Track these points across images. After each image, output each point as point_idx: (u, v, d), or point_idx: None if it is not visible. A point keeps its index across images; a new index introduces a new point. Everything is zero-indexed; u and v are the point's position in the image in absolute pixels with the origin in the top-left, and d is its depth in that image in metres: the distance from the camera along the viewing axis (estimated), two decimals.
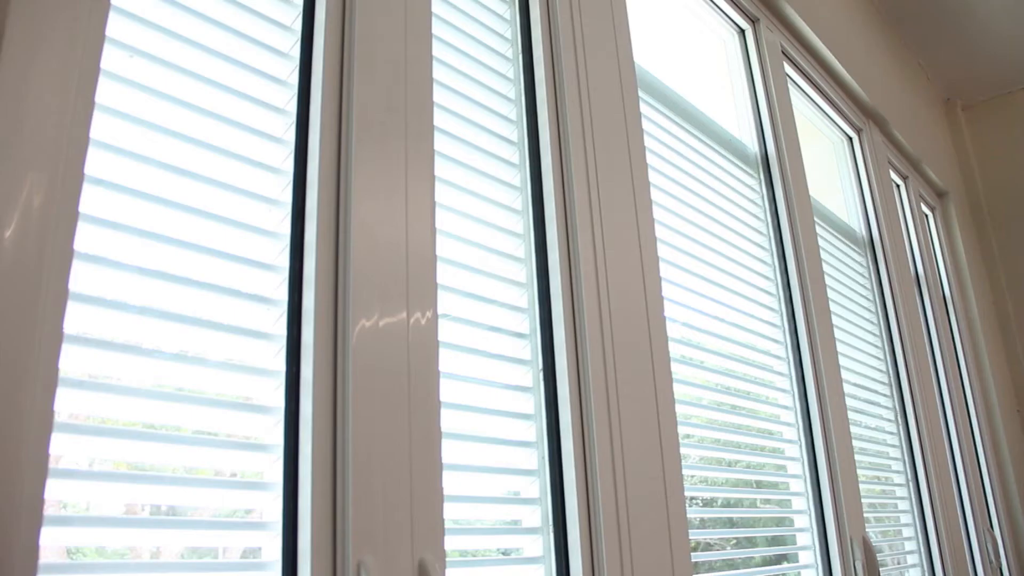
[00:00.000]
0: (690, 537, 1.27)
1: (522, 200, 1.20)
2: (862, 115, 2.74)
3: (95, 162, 0.74)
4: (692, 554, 1.26)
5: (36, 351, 0.63)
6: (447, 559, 0.88)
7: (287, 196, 0.90)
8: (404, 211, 0.96)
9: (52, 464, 0.65)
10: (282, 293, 0.86)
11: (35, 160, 0.66)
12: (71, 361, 0.70)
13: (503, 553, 1.09)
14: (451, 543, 0.92)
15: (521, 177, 1.21)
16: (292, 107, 0.93)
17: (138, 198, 0.77)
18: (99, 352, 0.72)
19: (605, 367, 1.18)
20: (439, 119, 1.09)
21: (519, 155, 1.22)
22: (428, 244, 0.98)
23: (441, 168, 1.07)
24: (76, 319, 0.70)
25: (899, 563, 2.22)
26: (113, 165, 0.76)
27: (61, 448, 0.70)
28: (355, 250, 0.89)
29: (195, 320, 0.79)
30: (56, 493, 0.70)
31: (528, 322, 1.15)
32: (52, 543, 0.72)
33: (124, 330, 0.75)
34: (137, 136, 0.79)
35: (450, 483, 0.94)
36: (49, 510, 0.72)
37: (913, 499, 2.33)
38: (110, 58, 0.77)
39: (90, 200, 0.73)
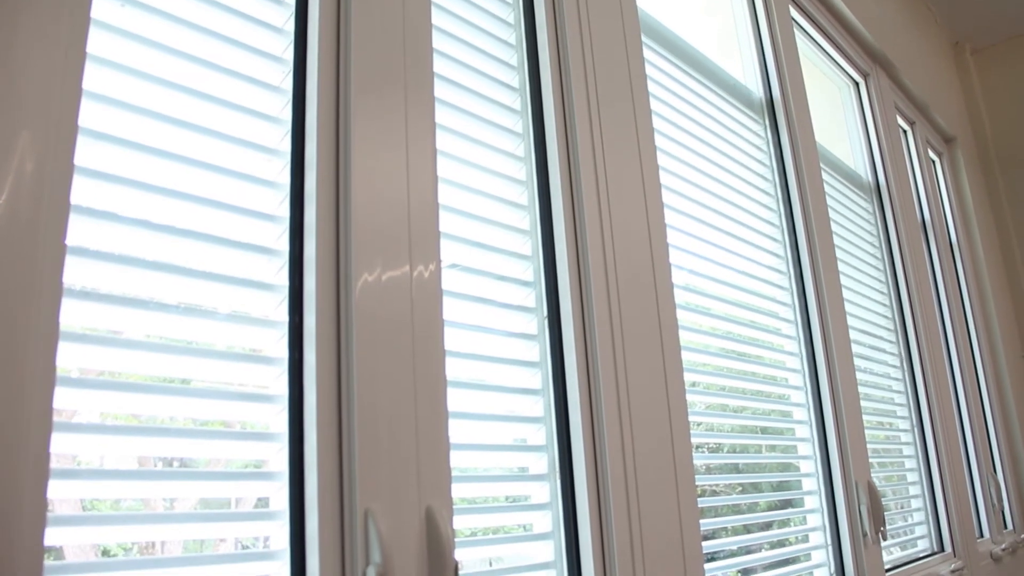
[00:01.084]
0: (696, 483, 1.27)
1: (524, 147, 1.18)
2: (869, 59, 2.70)
3: (89, 115, 0.73)
4: (699, 499, 1.27)
5: (36, 307, 0.62)
6: (454, 506, 0.89)
7: (286, 145, 0.89)
8: (405, 162, 0.95)
9: (65, 419, 0.65)
10: (283, 244, 0.85)
11: (28, 116, 0.65)
12: (75, 316, 0.70)
13: (510, 500, 1.10)
14: (458, 491, 0.93)
15: (523, 124, 1.19)
16: (289, 55, 0.92)
17: (135, 150, 0.76)
18: (102, 306, 0.72)
19: (610, 313, 1.17)
20: (439, 66, 1.07)
21: (520, 102, 1.20)
22: (430, 195, 0.97)
23: (442, 116, 1.05)
24: (77, 274, 0.70)
25: (903, 507, 2.24)
26: (108, 118, 0.75)
27: (72, 403, 0.70)
28: (356, 202, 0.88)
29: (196, 272, 0.78)
30: (68, 448, 0.70)
31: (532, 269, 1.14)
32: (66, 496, 0.73)
33: (126, 284, 0.74)
34: (132, 87, 0.78)
35: (456, 431, 0.94)
36: (63, 464, 0.72)
37: (918, 444, 2.34)
38: (100, 8, 0.76)
39: (86, 154, 0.72)
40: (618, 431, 1.13)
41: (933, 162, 3.26)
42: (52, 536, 0.66)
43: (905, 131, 3.00)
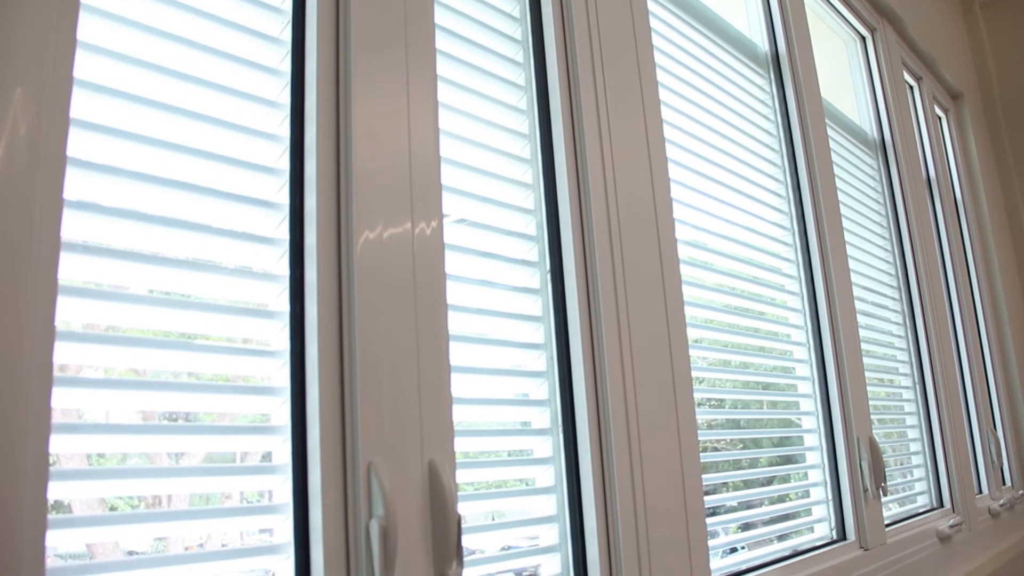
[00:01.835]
0: (699, 438, 1.28)
1: (527, 100, 1.17)
2: (876, 13, 2.66)
3: (85, 67, 0.71)
4: (700, 455, 1.28)
5: (33, 261, 0.62)
6: (457, 461, 0.89)
7: (285, 98, 0.87)
8: (406, 117, 0.94)
9: (72, 374, 0.64)
10: (284, 197, 0.85)
11: (22, 68, 0.63)
12: (77, 271, 0.70)
13: (512, 455, 1.10)
14: (460, 445, 0.93)
15: (526, 76, 1.18)
16: (288, 5, 0.90)
17: (133, 103, 0.75)
18: (104, 261, 0.71)
19: (613, 268, 1.17)
20: (440, 17, 1.05)
21: (523, 54, 1.18)
22: (432, 151, 0.96)
23: (443, 68, 1.04)
24: (75, 228, 0.69)
25: (903, 464, 2.26)
26: (104, 70, 0.74)
27: (75, 358, 0.70)
28: (357, 156, 0.86)
29: (196, 226, 0.78)
30: (72, 402, 0.70)
31: (535, 223, 1.13)
32: (71, 450, 0.73)
33: (126, 238, 0.74)
34: (129, 38, 0.76)
35: (459, 386, 0.94)
36: (67, 418, 0.72)
37: (919, 401, 2.35)
38: None
39: (81, 108, 0.70)
40: (621, 386, 1.13)
41: (939, 118, 3.22)
42: (58, 490, 0.66)
43: (911, 87, 2.97)
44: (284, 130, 0.86)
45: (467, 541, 0.86)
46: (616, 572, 1.07)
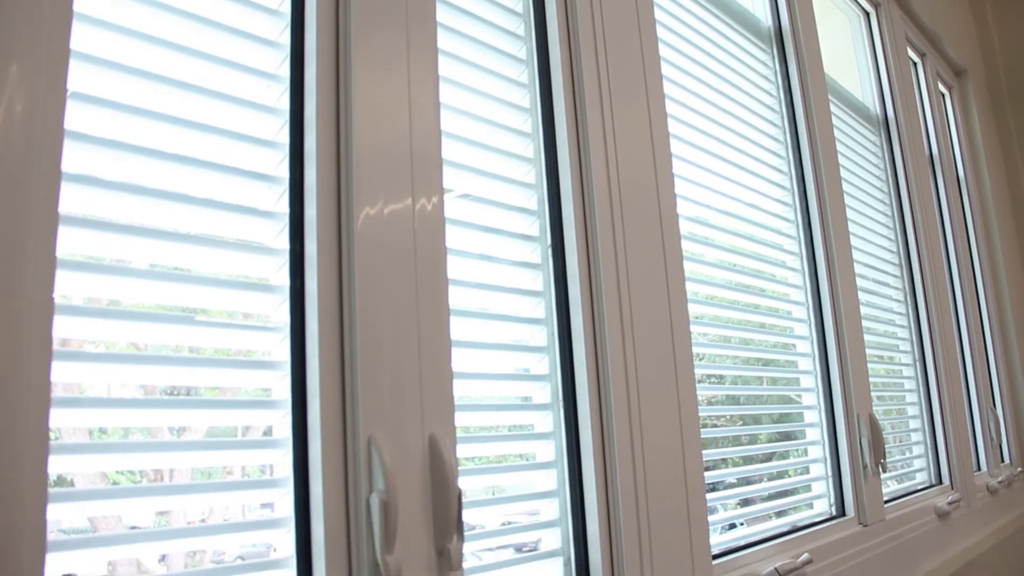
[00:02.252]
0: (699, 413, 1.28)
1: (528, 74, 1.16)
2: None
3: (82, 40, 0.71)
4: (701, 431, 1.28)
5: (32, 233, 0.61)
6: (457, 435, 0.89)
7: (285, 71, 0.87)
8: (407, 92, 0.93)
9: (71, 349, 0.64)
10: (283, 170, 0.84)
11: (19, 41, 0.63)
12: (77, 245, 0.69)
13: (513, 430, 1.10)
14: (461, 420, 0.93)
15: (527, 49, 1.17)
16: None
17: (131, 75, 0.74)
18: (103, 235, 0.71)
19: (615, 243, 1.16)
20: None
21: (524, 27, 1.17)
22: (433, 126, 0.95)
23: (443, 42, 1.03)
24: (74, 202, 0.69)
25: (902, 441, 2.26)
26: (102, 43, 0.73)
27: (75, 332, 0.69)
28: (357, 131, 0.86)
29: (196, 199, 0.77)
30: (72, 376, 0.70)
31: (536, 198, 1.12)
32: (72, 424, 0.73)
33: (125, 211, 0.73)
34: (127, 11, 0.76)
35: (459, 361, 0.94)
36: (68, 393, 0.72)
37: (919, 379, 2.35)
38: None
39: (78, 79, 0.70)
40: (622, 360, 1.13)
41: (943, 95, 3.20)
42: (61, 464, 0.66)
43: (915, 63, 2.95)
44: (284, 103, 0.86)
45: (467, 516, 0.86)
46: (616, 547, 1.07)
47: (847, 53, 2.55)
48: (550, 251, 1.12)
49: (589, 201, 1.14)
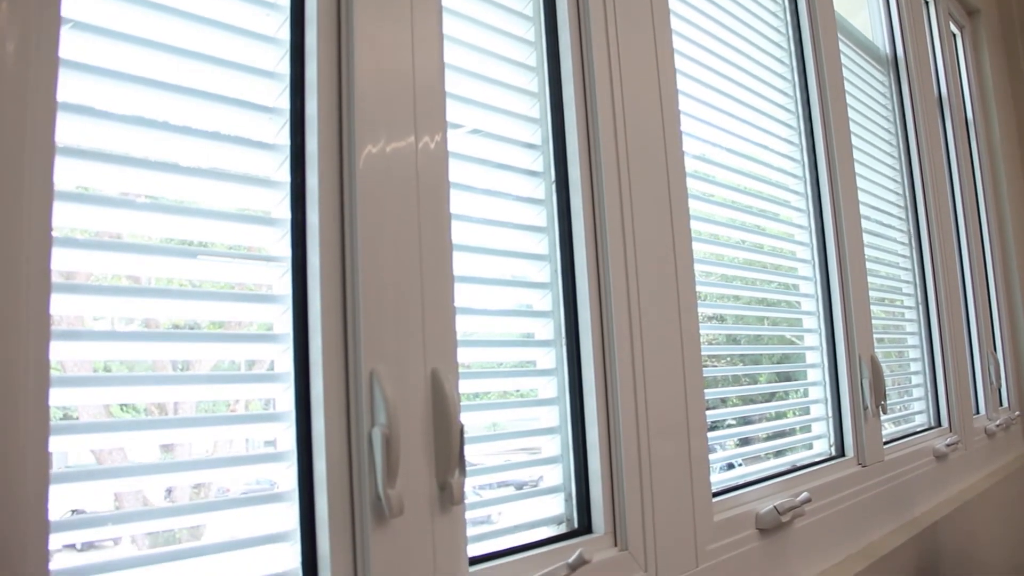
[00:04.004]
0: (701, 352, 1.28)
1: (533, 6, 1.13)
2: None
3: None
4: (703, 370, 1.28)
5: (28, 164, 0.60)
6: (459, 370, 0.89)
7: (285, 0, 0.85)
8: (409, 25, 0.90)
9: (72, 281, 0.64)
10: (284, 102, 0.82)
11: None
12: (77, 178, 0.68)
13: (515, 365, 1.10)
14: (463, 355, 0.93)
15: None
16: None
17: (125, 42, 0.72)
18: (102, 166, 0.70)
19: (619, 179, 1.15)
20: None
21: None
22: (436, 61, 0.92)
23: None
24: (72, 133, 0.67)
25: (902, 383, 2.27)
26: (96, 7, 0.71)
27: (75, 266, 0.69)
28: (358, 61, 0.84)
29: (196, 131, 0.76)
30: (73, 310, 0.70)
31: (540, 133, 1.11)
32: (75, 358, 0.73)
33: (124, 143, 0.72)
34: None
35: (462, 295, 0.93)
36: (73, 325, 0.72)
37: (921, 322, 2.35)
38: None
39: (71, 47, 0.68)
40: (624, 297, 1.12)
41: (954, 36, 3.15)
42: (64, 397, 0.66)
43: (927, 2, 2.89)
44: (284, 33, 0.84)
45: (469, 453, 0.86)
46: (617, 484, 1.08)
47: None
48: (554, 186, 1.10)
49: (594, 136, 1.13)
